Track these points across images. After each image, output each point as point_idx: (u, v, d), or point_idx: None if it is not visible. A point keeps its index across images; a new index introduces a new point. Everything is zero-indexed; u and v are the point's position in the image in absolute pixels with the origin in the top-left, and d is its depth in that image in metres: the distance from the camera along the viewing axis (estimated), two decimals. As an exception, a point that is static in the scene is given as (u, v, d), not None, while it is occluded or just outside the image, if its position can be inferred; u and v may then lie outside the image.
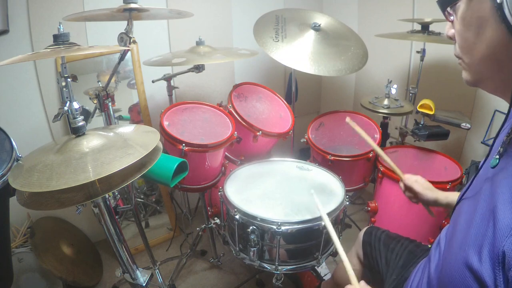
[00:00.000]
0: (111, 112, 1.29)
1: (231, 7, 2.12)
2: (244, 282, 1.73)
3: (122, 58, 1.14)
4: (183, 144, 1.28)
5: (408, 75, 2.08)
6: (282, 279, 1.21)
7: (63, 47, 0.77)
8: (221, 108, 1.54)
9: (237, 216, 1.08)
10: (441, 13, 0.59)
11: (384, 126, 1.77)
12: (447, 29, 0.59)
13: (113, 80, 1.47)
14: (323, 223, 1.03)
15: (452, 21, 0.57)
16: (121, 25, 1.09)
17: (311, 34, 1.57)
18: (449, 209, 1.03)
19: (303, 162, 1.45)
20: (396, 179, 1.40)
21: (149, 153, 0.75)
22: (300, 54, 1.47)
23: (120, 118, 1.88)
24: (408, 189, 1.07)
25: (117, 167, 0.69)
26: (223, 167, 1.55)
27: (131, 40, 1.08)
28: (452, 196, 0.99)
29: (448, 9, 0.57)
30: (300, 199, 1.18)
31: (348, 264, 0.79)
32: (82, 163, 0.71)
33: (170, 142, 1.31)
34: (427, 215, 1.07)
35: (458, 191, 1.48)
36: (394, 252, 1.05)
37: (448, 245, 0.65)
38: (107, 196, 0.87)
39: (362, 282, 0.76)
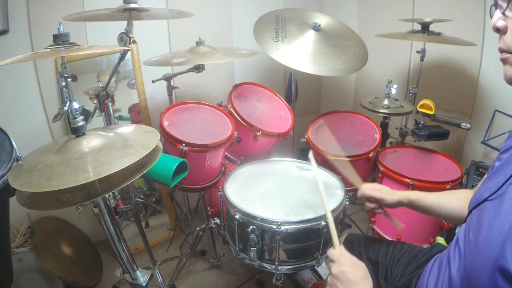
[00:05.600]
0: (111, 112, 1.29)
1: (231, 7, 2.12)
2: (244, 282, 1.73)
3: (122, 58, 1.14)
4: (183, 144, 1.28)
5: (408, 75, 2.09)
6: (282, 279, 1.21)
7: (63, 47, 0.77)
8: (221, 108, 1.54)
9: (237, 216, 1.08)
10: (441, 13, 0.59)
11: (384, 126, 1.77)
12: (496, 20, 0.57)
13: (113, 80, 1.47)
14: (323, 223, 1.03)
15: (503, 13, 0.55)
16: (121, 25, 1.09)
17: (311, 34, 1.57)
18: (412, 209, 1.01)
19: (303, 162, 1.45)
20: (396, 179, 1.40)
21: (149, 153, 0.76)
22: (300, 54, 1.47)
23: (120, 118, 1.88)
24: (367, 199, 1.04)
25: (117, 167, 0.69)
26: (223, 167, 1.55)
27: (131, 40, 1.08)
28: (412, 196, 0.98)
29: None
30: (300, 199, 1.18)
31: (333, 225, 0.84)
32: (82, 163, 0.71)
33: (170, 142, 1.31)
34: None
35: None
36: (390, 254, 1.04)
37: (471, 246, 0.64)
38: (107, 196, 0.87)
39: (343, 247, 0.80)
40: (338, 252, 0.79)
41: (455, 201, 0.93)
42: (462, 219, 0.83)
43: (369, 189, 1.04)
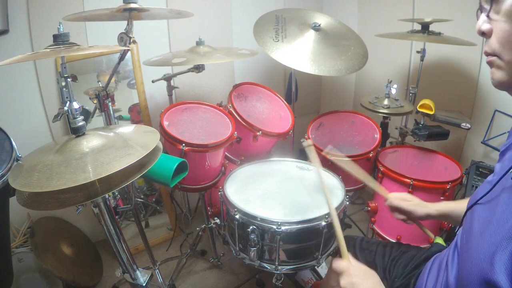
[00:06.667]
0: (111, 112, 1.29)
1: (231, 7, 2.12)
2: (244, 282, 1.73)
3: (122, 58, 1.15)
4: (183, 144, 1.28)
5: (408, 75, 2.08)
6: (282, 279, 1.21)
7: (63, 47, 0.77)
8: (221, 108, 1.54)
9: (237, 216, 1.08)
10: (441, 13, 0.59)
11: (384, 126, 1.77)
12: (481, 24, 0.57)
13: (113, 80, 1.47)
14: (323, 223, 1.03)
15: (488, 16, 0.55)
16: (121, 25, 1.09)
17: (311, 34, 1.57)
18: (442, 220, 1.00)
19: (303, 162, 1.45)
20: (396, 179, 1.40)
21: (149, 153, 0.76)
22: (300, 54, 1.47)
23: (120, 118, 1.88)
24: (396, 209, 1.01)
25: (117, 167, 0.69)
26: (223, 167, 1.55)
27: (131, 40, 1.08)
28: (443, 208, 0.96)
29: (483, 2, 0.54)
30: (300, 199, 1.18)
31: (342, 239, 0.78)
32: (82, 163, 0.71)
33: (170, 142, 1.31)
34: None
35: (463, 197, 1.46)
36: (387, 255, 1.03)
37: (464, 251, 0.62)
38: (107, 196, 0.87)
39: (350, 256, 0.75)
40: (347, 262, 0.73)
41: None
42: None
43: (397, 199, 1.00)
